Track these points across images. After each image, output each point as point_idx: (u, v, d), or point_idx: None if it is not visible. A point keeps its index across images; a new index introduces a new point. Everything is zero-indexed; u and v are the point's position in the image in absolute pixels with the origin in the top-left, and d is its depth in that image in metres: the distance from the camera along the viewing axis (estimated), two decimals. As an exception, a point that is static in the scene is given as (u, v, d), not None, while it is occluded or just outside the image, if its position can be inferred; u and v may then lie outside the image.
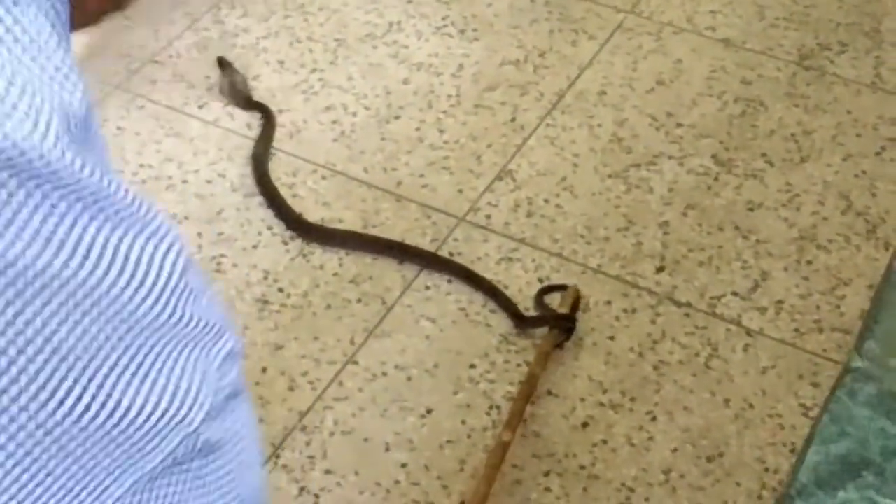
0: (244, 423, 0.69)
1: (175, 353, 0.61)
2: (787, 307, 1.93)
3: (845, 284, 1.96)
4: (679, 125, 2.23)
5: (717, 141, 2.21)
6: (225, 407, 0.66)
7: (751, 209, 2.08)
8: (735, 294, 1.95)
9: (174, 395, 0.61)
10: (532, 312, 1.91)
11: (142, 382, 0.59)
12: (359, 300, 1.93)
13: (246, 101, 2.24)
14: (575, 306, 1.90)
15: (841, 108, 2.27)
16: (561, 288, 1.94)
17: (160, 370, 0.60)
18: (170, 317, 0.60)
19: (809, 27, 2.44)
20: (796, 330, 1.90)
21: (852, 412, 0.68)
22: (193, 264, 0.63)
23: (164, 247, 0.59)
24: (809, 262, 2.00)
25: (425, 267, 1.97)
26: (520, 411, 1.76)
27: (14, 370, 0.53)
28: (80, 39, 2.33)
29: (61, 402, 0.55)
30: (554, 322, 1.88)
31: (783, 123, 2.24)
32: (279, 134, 2.21)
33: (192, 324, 0.62)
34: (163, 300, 0.60)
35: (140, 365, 0.59)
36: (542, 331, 1.88)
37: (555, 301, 1.92)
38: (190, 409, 0.61)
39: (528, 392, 1.79)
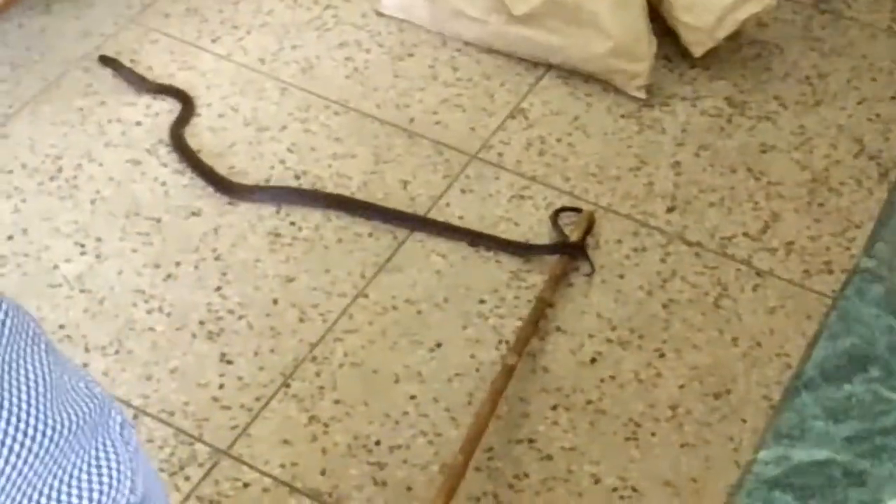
0: (153, 478, 0.74)
1: (89, 448, 0.65)
2: (798, 248, 1.93)
3: (856, 227, 1.96)
4: (692, 66, 2.22)
5: (730, 83, 2.20)
6: (138, 468, 0.70)
7: (763, 151, 2.08)
8: (745, 235, 1.95)
9: (103, 483, 0.66)
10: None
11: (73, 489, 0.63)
12: (370, 234, 1.94)
13: (157, 87, 2.15)
14: (587, 231, 1.91)
15: (856, 51, 2.26)
16: (576, 210, 1.95)
17: (83, 470, 0.65)
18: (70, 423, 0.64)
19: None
20: (806, 271, 1.90)
21: (860, 310, 0.69)
22: (54, 351, 0.66)
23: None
24: (821, 205, 2.00)
25: (417, 230, 1.95)
26: (527, 335, 1.77)
27: None
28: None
29: None
30: (563, 248, 1.89)
31: (798, 66, 2.23)
32: (292, 70, 2.21)
33: (85, 416, 0.66)
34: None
35: (62, 481, 0.63)
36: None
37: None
38: (119, 484, 0.66)
39: (537, 316, 1.80)
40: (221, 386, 1.75)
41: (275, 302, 1.85)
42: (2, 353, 0.62)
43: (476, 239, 1.93)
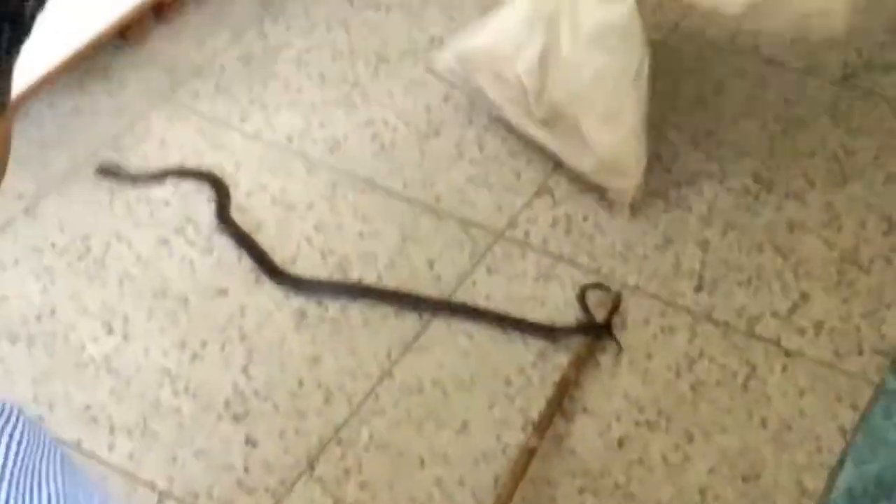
0: None
1: None
2: (827, 328, 1.91)
3: (886, 307, 1.94)
4: (719, 144, 2.22)
5: (757, 160, 2.19)
6: None
7: (791, 229, 2.07)
8: (774, 314, 1.94)
9: None
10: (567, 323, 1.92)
11: None
12: (396, 315, 1.94)
13: (181, 172, 2.16)
14: (614, 310, 1.91)
15: (884, 128, 2.26)
16: (603, 288, 1.94)
17: None
18: None
19: (853, 46, 2.42)
20: (836, 352, 1.88)
21: (887, 433, 0.67)
22: None
23: None
24: (850, 284, 1.98)
25: (435, 312, 1.94)
26: (550, 416, 1.76)
27: None
28: (126, 54, 2.36)
29: None
30: (588, 329, 1.88)
31: (825, 143, 2.23)
32: (320, 148, 2.22)
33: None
34: None
35: None
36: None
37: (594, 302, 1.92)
38: None
39: (560, 397, 1.79)
40: (246, 469, 1.74)
41: (300, 383, 1.85)
42: (17, 471, 0.61)
43: (501, 322, 1.92)
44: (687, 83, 2.34)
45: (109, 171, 2.14)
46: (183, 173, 2.15)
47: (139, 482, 1.72)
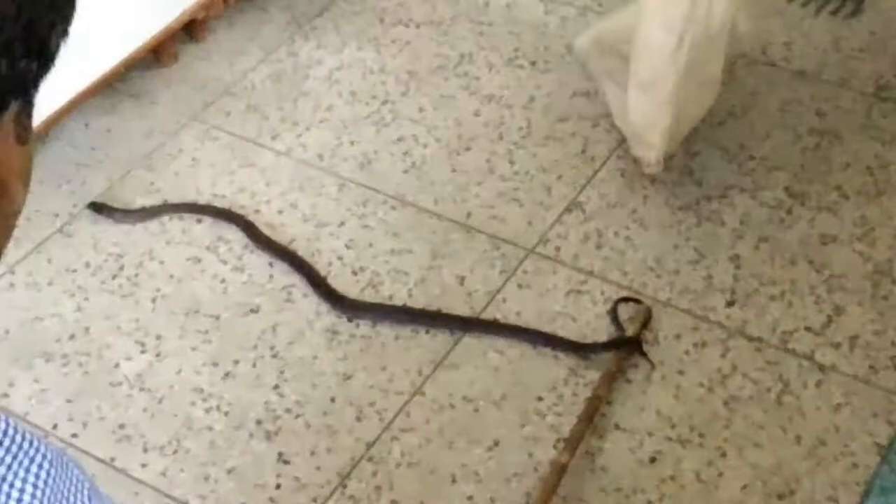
0: None
1: None
2: (862, 343, 1.90)
3: (922, 321, 1.92)
4: (751, 157, 2.21)
5: (790, 173, 2.18)
6: None
7: (825, 243, 2.06)
8: (808, 329, 1.92)
9: None
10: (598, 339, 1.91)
11: None
12: (427, 331, 1.94)
13: (174, 207, 2.15)
14: (644, 325, 1.90)
15: (918, 140, 2.24)
16: (636, 301, 1.94)
17: None
18: None
19: (887, 57, 2.40)
20: (871, 366, 1.86)
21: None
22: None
23: None
24: (885, 298, 1.96)
25: (466, 331, 1.93)
26: (580, 433, 1.75)
27: None
28: (158, 73, 2.38)
29: None
30: (618, 345, 1.88)
31: (858, 156, 2.21)
32: (350, 165, 2.23)
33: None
34: None
35: None
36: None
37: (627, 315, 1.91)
38: None
39: (591, 413, 1.78)
40: (278, 486, 1.74)
41: (332, 400, 1.85)
42: (46, 502, 0.62)
43: (532, 337, 1.92)
44: (718, 96, 2.33)
45: (102, 209, 2.12)
46: (178, 207, 2.13)
47: (172, 500, 1.73)
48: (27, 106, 0.56)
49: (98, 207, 2.13)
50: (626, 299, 1.96)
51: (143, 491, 1.74)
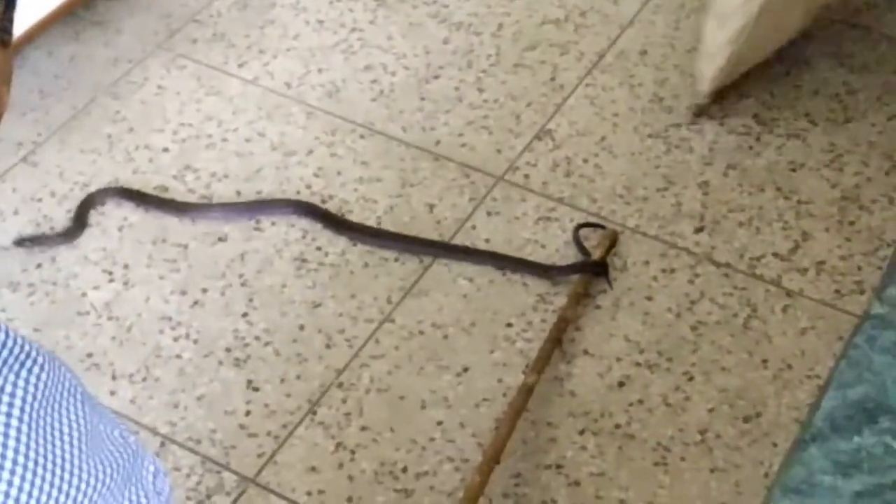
0: None
1: (122, 500, 0.66)
2: (828, 268, 1.91)
3: (888, 245, 1.93)
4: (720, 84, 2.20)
5: (759, 101, 2.18)
6: None
7: (793, 170, 2.06)
8: (775, 255, 1.93)
9: None
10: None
11: None
12: (396, 259, 1.94)
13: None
14: (610, 248, 1.91)
15: (887, 68, 2.24)
16: (598, 227, 1.94)
17: None
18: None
19: (856, -15, 2.40)
20: (837, 291, 1.88)
21: (871, 358, 0.67)
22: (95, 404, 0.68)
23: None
24: (852, 223, 1.97)
25: (440, 256, 1.94)
26: (547, 354, 1.76)
27: None
28: (123, 0, 2.35)
29: None
30: (585, 268, 1.88)
31: (827, 83, 2.21)
32: (318, 93, 2.21)
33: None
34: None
35: None
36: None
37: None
38: None
39: (557, 335, 1.79)
40: (248, 413, 1.75)
41: (301, 328, 1.85)
42: (38, 407, 0.63)
43: (498, 262, 1.92)
44: (688, 21, 2.33)
45: (24, 242, 1.94)
46: (85, 205, 2.00)
47: (141, 427, 1.73)
48: (8, 10, 0.55)
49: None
50: (588, 224, 1.96)
51: (112, 418, 1.74)
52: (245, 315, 1.86)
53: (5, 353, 0.62)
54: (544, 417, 1.73)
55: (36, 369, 0.65)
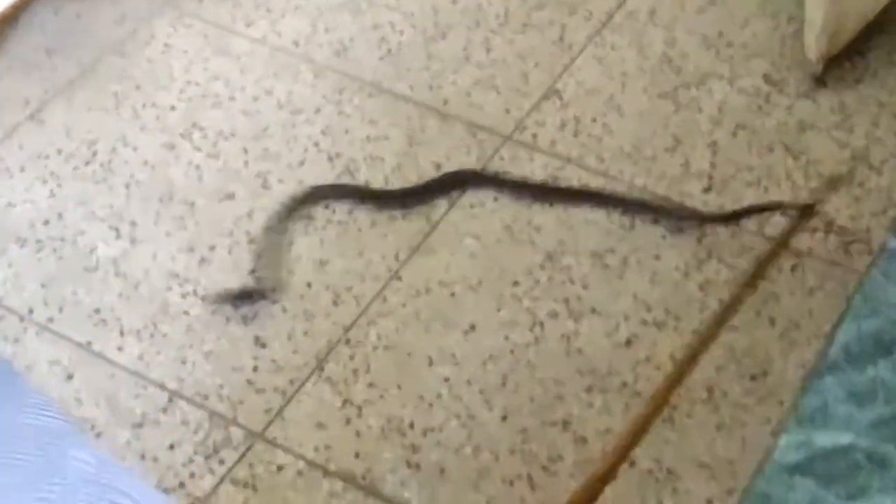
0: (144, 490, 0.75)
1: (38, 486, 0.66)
2: (837, 228, 1.90)
3: (897, 206, 1.93)
4: (730, 45, 2.19)
5: (768, 61, 2.17)
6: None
7: (802, 129, 2.05)
8: (784, 215, 1.92)
9: None
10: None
11: None
12: (404, 217, 1.93)
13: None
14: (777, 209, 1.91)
15: (898, 28, 2.22)
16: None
17: None
18: None
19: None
20: (846, 251, 1.87)
21: (886, 291, 0.67)
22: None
23: None
24: (861, 184, 1.97)
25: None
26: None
27: None
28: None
29: None
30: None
31: (837, 43, 2.19)
32: (326, 52, 2.20)
33: None
34: None
35: None
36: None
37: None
38: None
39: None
40: (255, 369, 1.75)
41: (308, 285, 1.85)
42: None
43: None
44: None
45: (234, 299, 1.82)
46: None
47: (149, 382, 1.73)
48: None
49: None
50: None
51: (119, 374, 1.74)
52: (252, 272, 1.86)
53: None
54: (551, 375, 1.73)
55: None
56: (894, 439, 0.64)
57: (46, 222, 1.93)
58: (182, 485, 1.63)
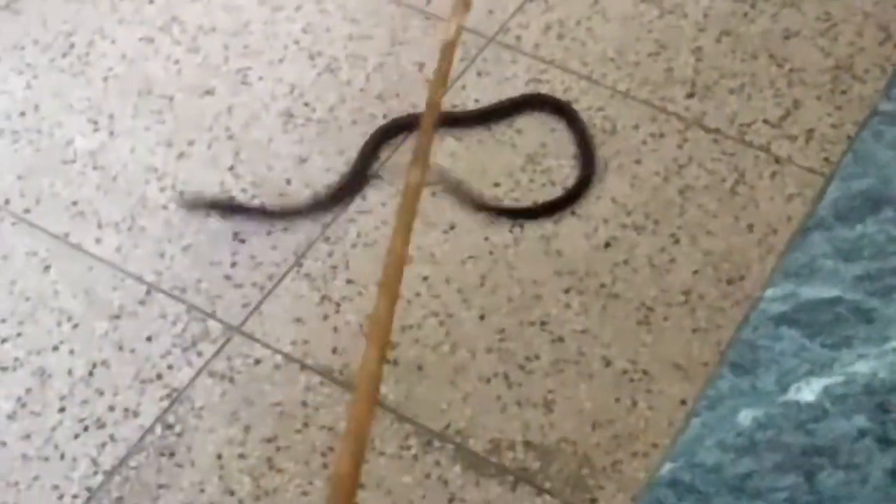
0: None
1: None
2: (818, 136, 1.90)
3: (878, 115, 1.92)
4: (717, -50, 2.17)
5: (755, -32, 2.15)
6: None
7: (787, 37, 2.04)
8: (765, 121, 1.92)
9: None
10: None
11: None
12: (384, 115, 1.92)
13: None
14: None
15: (886, -63, 2.20)
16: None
17: None
18: None
19: None
20: (826, 159, 1.88)
21: (876, 152, 0.67)
22: None
23: None
24: (843, 92, 1.96)
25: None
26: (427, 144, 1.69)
27: None
28: None
29: None
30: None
31: (825, -48, 2.18)
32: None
33: None
34: None
35: None
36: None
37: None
38: None
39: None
40: (234, 264, 1.75)
41: (288, 182, 1.84)
42: None
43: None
44: None
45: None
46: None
47: (127, 274, 1.73)
48: None
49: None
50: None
51: (97, 266, 1.74)
52: (231, 168, 1.85)
53: None
54: (530, 275, 1.74)
55: None
56: (879, 294, 0.65)
57: (23, 114, 1.90)
58: (160, 376, 1.63)
